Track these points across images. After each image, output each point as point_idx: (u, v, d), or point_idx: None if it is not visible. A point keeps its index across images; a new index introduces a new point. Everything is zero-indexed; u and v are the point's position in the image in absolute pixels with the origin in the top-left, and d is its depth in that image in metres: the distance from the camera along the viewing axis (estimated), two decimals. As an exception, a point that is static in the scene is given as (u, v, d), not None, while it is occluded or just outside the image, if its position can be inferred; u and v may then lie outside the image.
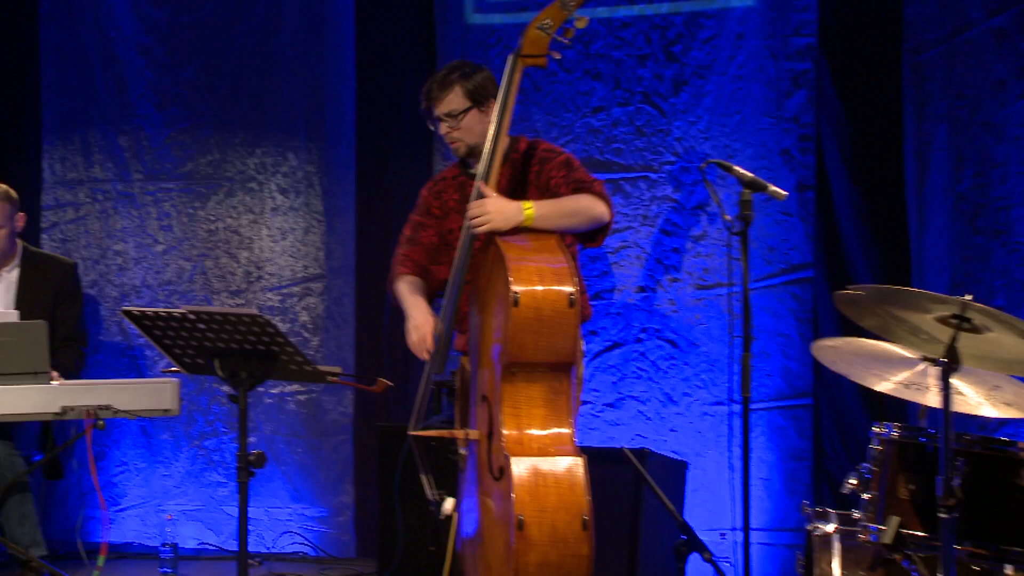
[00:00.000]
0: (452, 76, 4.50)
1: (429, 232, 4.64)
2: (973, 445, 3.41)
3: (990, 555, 3.35)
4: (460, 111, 4.46)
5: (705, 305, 5.96)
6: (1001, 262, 5.45)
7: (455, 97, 4.47)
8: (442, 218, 4.63)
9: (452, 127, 4.48)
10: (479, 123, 4.44)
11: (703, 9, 5.97)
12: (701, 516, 5.66)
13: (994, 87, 5.46)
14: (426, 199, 4.71)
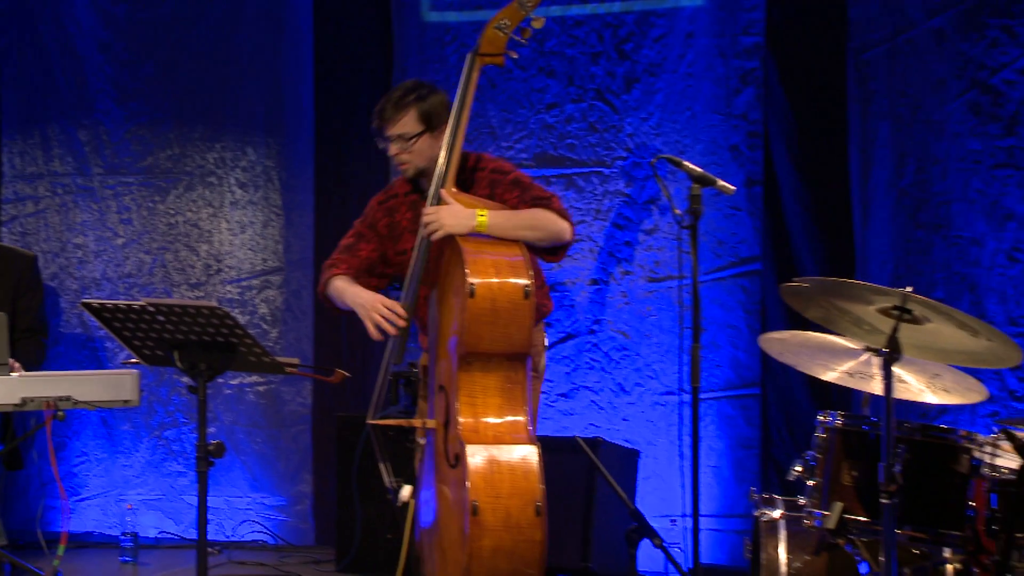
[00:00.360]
0: (408, 98, 4.34)
1: (370, 247, 4.49)
2: (914, 432, 3.44)
3: (929, 539, 3.38)
4: (413, 135, 4.31)
5: (656, 297, 5.99)
6: (941, 255, 5.50)
7: (409, 120, 4.32)
8: (389, 238, 4.49)
9: (403, 149, 4.34)
10: (430, 148, 4.31)
11: (654, 8, 5.99)
12: (652, 503, 5.69)
13: (934, 86, 5.50)
14: (374, 213, 4.55)
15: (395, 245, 4.46)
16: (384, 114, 4.34)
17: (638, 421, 5.96)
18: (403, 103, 4.33)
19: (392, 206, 4.50)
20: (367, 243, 4.50)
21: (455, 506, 3.99)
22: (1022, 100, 5.35)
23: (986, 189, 5.41)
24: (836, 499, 3.44)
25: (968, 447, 3.44)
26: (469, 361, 4.00)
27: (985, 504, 3.35)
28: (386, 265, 4.47)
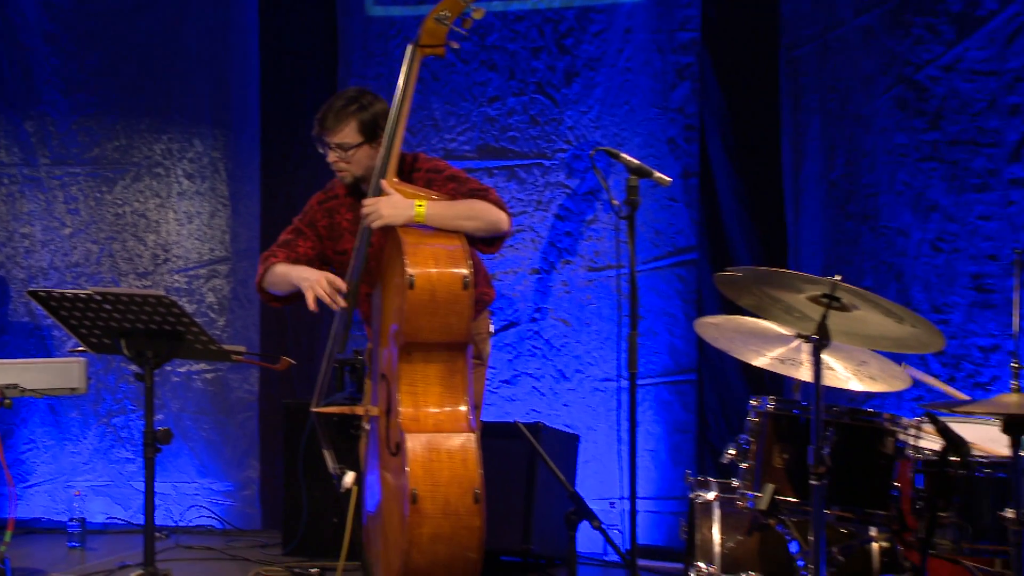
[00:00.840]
0: (349, 108, 4.29)
1: (307, 244, 4.46)
2: (842, 416, 3.47)
3: (856, 518, 3.41)
4: (352, 145, 4.27)
5: (596, 286, 6.01)
6: (869, 245, 5.55)
7: (349, 131, 4.27)
8: (329, 238, 4.46)
9: (342, 158, 4.30)
10: (368, 158, 4.27)
11: (593, 4, 6.00)
12: (592, 486, 5.72)
13: (863, 81, 5.55)
14: (314, 212, 4.51)
15: (335, 245, 4.43)
16: (325, 123, 4.31)
17: (578, 407, 5.98)
18: (344, 113, 4.28)
19: (332, 207, 4.47)
20: (305, 240, 4.47)
21: (396, 493, 3.99)
22: (945, 95, 5.41)
23: (912, 181, 5.47)
24: (768, 481, 3.47)
25: (893, 430, 3.48)
26: (410, 351, 3.99)
27: (909, 484, 3.40)
28: (324, 263, 4.42)
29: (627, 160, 3.86)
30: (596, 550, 5.54)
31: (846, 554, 3.56)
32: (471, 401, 4.05)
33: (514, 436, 4.25)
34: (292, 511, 5.84)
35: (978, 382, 5.28)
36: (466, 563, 3.95)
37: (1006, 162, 5.34)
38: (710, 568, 3.61)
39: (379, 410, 4.19)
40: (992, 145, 5.35)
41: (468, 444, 3.93)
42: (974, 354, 5.34)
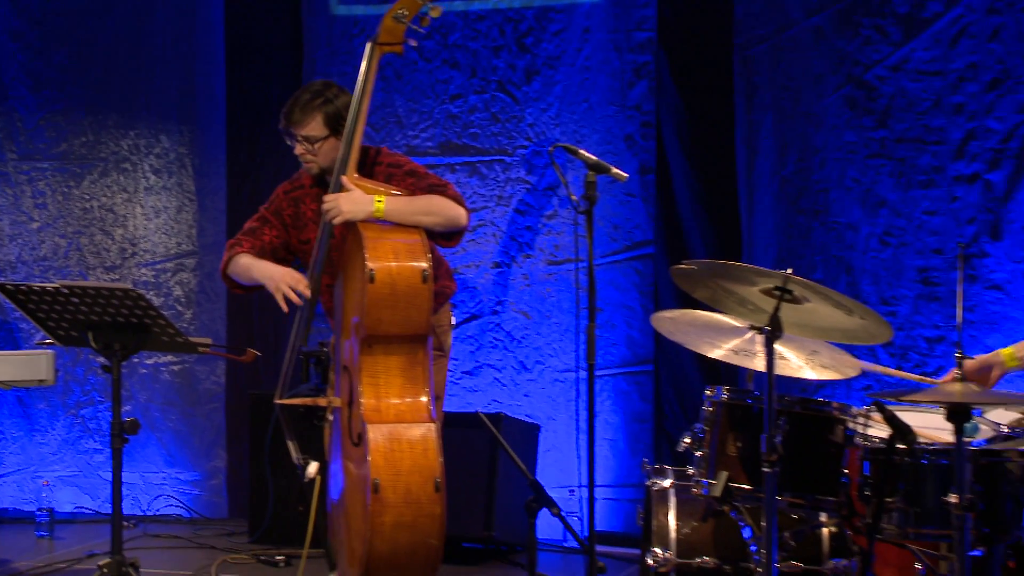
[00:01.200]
0: (315, 102, 4.29)
1: (273, 232, 4.44)
2: (793, 405, 3.49)
3: (807, 504, 3.43)
4: (319, 138, 4.27)
5: (556, 280, 6.02)
6: (820, 239, 5.59)
7: (315, 124, 4.27)
8: (294, 227, 4.44)
9: (308, 151, 4.30)
10: (334, 150, 4.26)
11: (552, 4, 6.00)
12: (552, 474, 5.73)
13: (814, 80, 5.58)
14: (280, 201, 4.49)
15: (299, 234, 4.42)
16: (291, 116, 4.30)
17: (539, 397, 5.98)
18: (310, 107, 4.28)
19: (298, 196, 4.46)
20: (271, 228, 4.45)
21: (358, 482, 3.99)
22: (893, 95, 5.46)
23: (861, 178, 5.51)
24: (722, 469, 3.48)
25: (843, 419, 3.50)
26: (371, 343, 3.99)
27: (858, 471, 3.42)
28: (288, 252, 4.42)
29: (585, 156, 3.85)
30: (556, 536, 5.56)
31: (797, 539, 3.58)
32: (432, 392, 4.05)
33: (476, 426, 4.25)
34: (258, 500, 5.83)
35: (924, 372, 5.33)
36: (428, 550, 3.96)
37: (950, 159, 5.39)
38: (666, 553, 3.63)
39: (342, 401, 4.19)
40: (937, 143, 5.40)
41: (429, 434, 3.93)
42: (920, 345, 5.39)
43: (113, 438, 4.01)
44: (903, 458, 3.28)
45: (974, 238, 5.33)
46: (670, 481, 3.81)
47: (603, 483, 5.74)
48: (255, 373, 6.25)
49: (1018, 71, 5.29)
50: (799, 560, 3.57)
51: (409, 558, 3.96)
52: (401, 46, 4.20)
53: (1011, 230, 5.31)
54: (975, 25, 5.34)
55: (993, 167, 5.33)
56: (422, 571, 4.03)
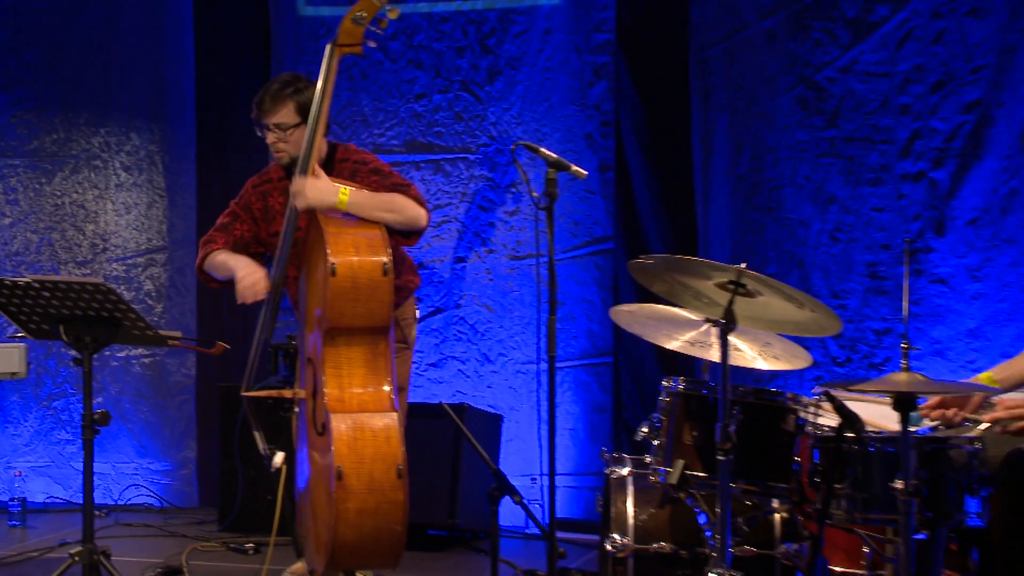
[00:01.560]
0: (286, 91, 4.31)
1: (244, 227, 4.46)
2: (747, 395, 3.50)
3: (760, 491, 3.45)
4: (290, 125, 4.29)
5: (518, 274, 6.02)
6: (773, 235, 5.62)
7: (287, 112, 4.29)
8: (263, 220, 4.46)
9: (280, 139, 4.31)
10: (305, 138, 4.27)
11: (514, 6, 6.00)
12: (515, 463, 5.74)
13: (767, 81, 5.61)
14: (249, 196, 4.51)
15: (268, 227, 4.43)
16: (263, 105, 4.32)
17: (501, 388, 5.99)
18: (281, 95, 4.30)
19: (266, 190, 4.47)
20: (241, 223, 4.46)
21: (323, 470, 3.98)
22: (842, 95, 5.49)
23: (812, 175, 5.54)
24: (678, 457, 3.49)
25: (794, 408, 3.52)
26: (334, 335, 3.99)
27: (809, 459, 3.44)
28: (258, 244, 4.43)
29: (546, 154, 3.86)
30: (518, 523, 5.57)
31: (750, 524, 3.60)
32: (394, 382, 4.05)
33: (441, 416, 4.25)
34: (228, 489, 5.81)
35: (872, 363, 5.38)
36: (391, 535, 3.96)
37: (897, 158, 5.43)
38: (624, 539, 3.64)
39: (306, 392, 4.19)
40: (885, 142, 5.44)
41: (391, 423, 3.93)
42: (869, 336, 5.43)
43: (84, 429, 3.99)
44: (852, 446, 3.30)
45: (920, 234, 5.37)
46: (628, 469, 3.81)
47: (564, 471, 5.76)
48: (225, 366, 6.22)
49: (961, 73, 5.33)
50: (752, 545, 3.59)
51: (374, 544, 3.96)
52: (360, 47, 4.21)
53: (955, 226, 5.35)
54: (920, 29, 5.39)
55: (938, 166, 5.37)
56: (386, 556, 4.03)
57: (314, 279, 4.14)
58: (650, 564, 3.61)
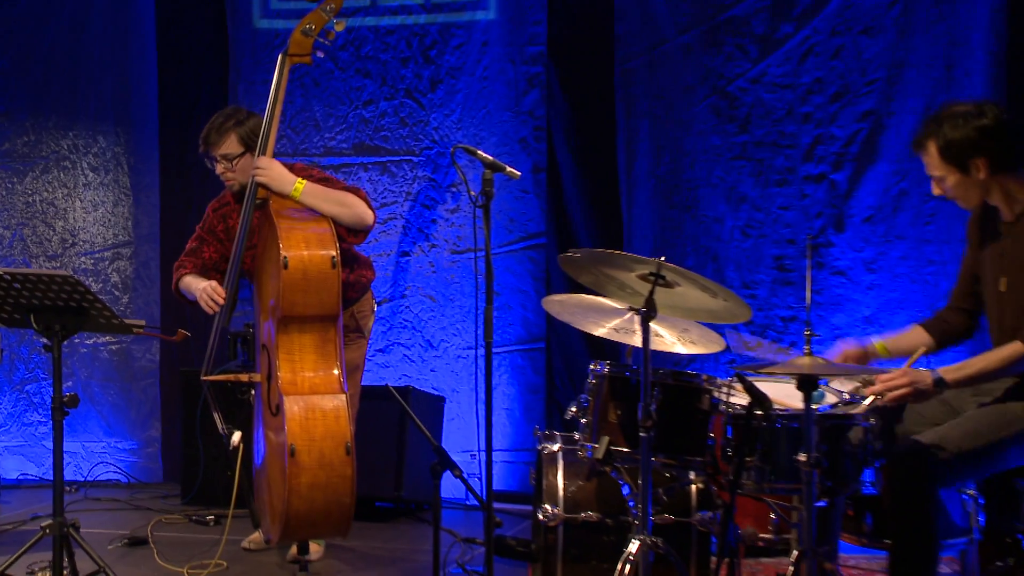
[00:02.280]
0: (228, 124, 4.35)
1: (211, 250, 4.50)
2: (666, 377, 3.50)
3: (678, 464, 3.45)
4: (235, 155, 4.32)
5: (458, 267, 6.01)
6: (691, 231, 5.65)
7: (231, 143, 4.33)
8: (228, 240, 4.45)
9: (228, 168, 4.35)
10: (251, 165, 4.27)
11: (454, 21, 5.99)
12: (456, 440, 5.73)
13: (684, 91, 5.63)
14: (211, 220, 4.54)
15: (232, 246, 4.42)
16: (209, 139, 4.36)
17: (444, 372, 5.98)
18: (224, 128, 4.34)
19: (225, 212, 4.50)
20: (208, 246, 4.51)
21: (277, 448, 3.96)
22: (752, 104, 5.53)
23: (725, 177, 5.58)
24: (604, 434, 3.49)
25: (709, 389, 3.53)
26: (286, 323, 3.98)
27: (722, 434, 3.45)
28: (227, 263, 4.42)
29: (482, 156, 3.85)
30: (459, 495, 5.57)
31: (669, 495, 3.62)
32: (343, 366, 4.05)
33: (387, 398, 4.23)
34: (190, 466, 5.75)
35: (780, 347, 5.43)
36: (341, 507, 3.95)
37: (801, 161, 5.49)
38: (555, 509, 3.64)
39: (261, 376, 4.17)
40: (790, 147, 5.49)
41: (340, 403, 3.93)
42: (776, 323, 5.49)
43: (54, 411, 3.93)
44: (760, 423, 3.32)
45: (821, 230, 5.43)
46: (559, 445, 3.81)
47: (500, 448, 5.76)
48: (186, 352, 6.16)
49: (856, 86, 5.40)
50: (671, 513, 3.61)
51: (324, 515, 3.94)
52: (310, 57, 4.27)
53: (852, 223, 5.42)
54: (820, 45, 5.44)
55: (837, 168, 5.43)
56: (337, 526, 4.01)
57: (268, 272, 4.12)
58: (578, 532, 3.61)
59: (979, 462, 3.35)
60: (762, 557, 4.49)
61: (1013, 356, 3.31)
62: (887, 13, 5.36)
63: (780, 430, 3.31)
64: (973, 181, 3.43)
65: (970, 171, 3.41)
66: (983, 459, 3.34)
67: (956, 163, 3.41)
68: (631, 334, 3.63)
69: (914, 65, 5.33)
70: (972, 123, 3.38)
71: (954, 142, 3.39)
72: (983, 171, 3.40)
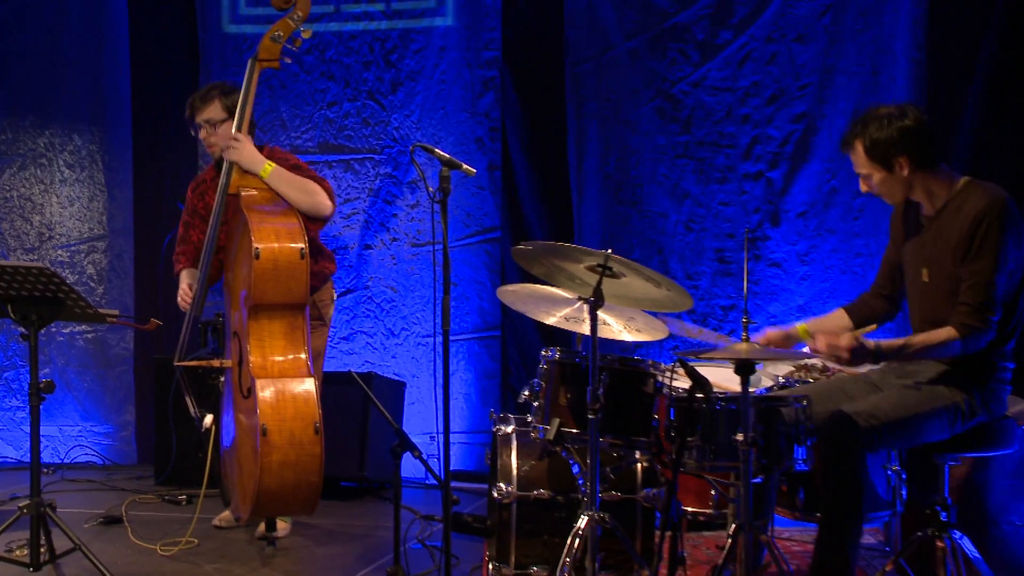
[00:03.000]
0: (213, 92, 4.41)
1: (197, 232, 4.51)
2: (613, 363, 3.50)
3: (624, 444, 3.46)
4: (218, 120, 4.34)
5: (418, 259, 5.98)
6: (637, 225, 5.67)
7: (215, 108, 4.36)
8: (208, 215, 4.44)
9: (210, 133, 4.36)
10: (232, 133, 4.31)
11: (414, 27, 5.96)
12: (416, 423, 5.72)
13: (630, 94, 5.64)
14: (191, 201, 4.55)
15: None
16: (194, 105, 4.40)
17: (405, 359, 5.96)
18: (209, 96, 4.40)
19: (203, 190, 4.51)
20: (194, 229, 4.51)
21: (249, 429, 3.94)
22: (694, 106, 5.56)
23: (669, 174, 5.60)
24: (555, 416, 3.49)
25: (654, 373, 3.54)
26: (257, 311, 3.97)
27: (665, 416, 3.45)
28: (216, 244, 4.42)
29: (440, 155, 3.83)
30: (419, 475, 5.55)
31: (616, 473, 3.63)
32: (310, 352, 4.04)
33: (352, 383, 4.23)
34: (163, 448, 5.70)
35: (720, 334, 5.45)
36: (309, 485, 3.93)
37: (740, 160, 5.52)
38: (509, 487, 3.64)
39: (232, 362, 4.14)
40: (730, 147, 5.52)
41: (308, 386, 3.93)
42: (717, 312, 5.52)
43: (31, 396, 3.90)
44: (701, 405, 3.33)
45: (758, 225, 5.46)
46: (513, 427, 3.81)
47: (458, 430, 5.76)
48: (159, 340, 6.10)
49: (791, 89, 5.44)
50: (617, 490, 3.62)
51: (294, 493, 3.92)
52: (278, 62, 4.33)
53: (787, 218, 5.46)
54: (757, 51, 5.47)
55: (773, 167, 5.47)
56: (304, 504, 4.00)
57: (239, 263, 4.09)
58: (531, 508, 3.61)
59: (903, 432, 3.39)
60: (703, 531, 4.52)
61: (947, 339, 3.35)
62: (818, 22, 5.40)
63: (719, 412, 3.32)
64: (897, 178, 3.47)
65: (894, 169, 3.45)
66: (907, 429, 3.39)
67: (881, 161, 3.45)
68: (580, 323, 3.64)
69: (843, 71, 5.38)
70: (895, 124, 3.42)
71: (879, 142, 3.43)
72: (906, 168, 3.45)
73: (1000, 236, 3.32)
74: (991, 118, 5.12)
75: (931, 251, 3.49)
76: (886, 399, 3.44)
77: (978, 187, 3.44)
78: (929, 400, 3.40)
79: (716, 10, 5.49)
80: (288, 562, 4.22)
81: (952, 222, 3.42)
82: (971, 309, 3.32)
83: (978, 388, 3.42)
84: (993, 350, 3.42)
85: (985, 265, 3.32)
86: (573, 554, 3.24)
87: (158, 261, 6.15)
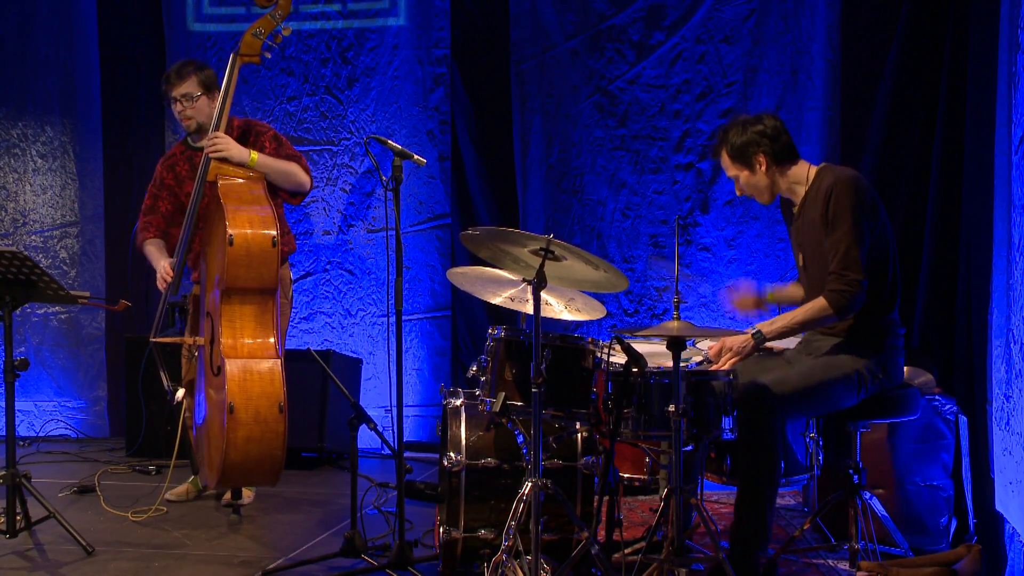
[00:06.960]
0: (188, 68, 4.36)
1: (165, 202, 4.47)
2: (555, 340, 3.49)
3: (565, 416, 3.46)
4: (195, 95, 4.30)
5: (374, 244, 5.94)
6: (578, 213, 5.66)
7: (191, 84, 4.32)
8: (177, 186, 4.41)
9: (187, 107, 4.32)
10: (207, 106, 4.31)
11: (368, 26, 5.90)
12: (373, 397, 5.68)
13: (571, 90, 5.63)
14: (160, 173, 4.48)
15: (181, 190, 4.42)
16: (170, 80, 4.36)
17: (361, 337, 5.91)
18: (185, 71, 4.35)
19: (172, 163, 4.47)
20: (162, 201, 4.45)
21: (218, 405, 3.88)
22: (630, 102, 5.55)
23: (607, 165, 5.60)
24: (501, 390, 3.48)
25: (593, 350, 3.53)
26: (229, 295, 3.92)
27: (604, 389, 3.45)
28: (180, 211, 4.40)
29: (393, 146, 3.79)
30: (375, 446, 5.50)
31: (558, 442, 3.62)
32: (279, 334, 4.01)
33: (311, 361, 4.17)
34: (133, 422, 5.63)
35: (655, 313, 5.49)
36: (273, 460, 3.89)
37: (672, 152, 5.53)
38: (459, 456, 3.62)
39: (205, 340, 4.09)
40: (663, 139, 5.53)
41: (275, 367, 3.89)
42: (652, 293, 5.54)
43: (6, 373, 3.82)
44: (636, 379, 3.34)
45: (690, 212, 5.48)
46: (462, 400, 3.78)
47: (411, 404, 5.74)
48: (130, 320, 6.00)
49: (718, 87, 5.45)
50: (559, 458, 3.61)
51: (258, 465, 3.88)
52: (259, 57, 4.31)
53: (716, 206, 5.49)
54: (687, 51, 5.48)
55: (703, 158, 5.49)
56: (268, 475, 3.96)
57: (214, 248, 4.05)
58: (479, 476, 3.59)
59: (812, 399, 3.45)
60: (638, 495, 4.54)
61: (818, 308, 3.43)
62: (743, 24, 5.42)
63: (653, 385, 3.33)
64: (759, 176, 3.58)
65: (755, 167, 3.57)
66: (815, 397, 3.45)
67: (743, 161, 3.58)
68: (524, 302, 3.63)
69: (766, 70, 5.41)
70: (751, 128, 3.56)
71: (736, 144, 3.57)
72: (764, 165, 3.56)
73: (850, 204, 3.40)
74: (898, 113, 5.21)
75: (803, 237, 3.61)
76: (795, 370, 3.51)
77: (830, 170, 3.55)
78: (831, 368, 3.47)
79: (650, 13, 5.49)
80: (252, 528, 4.18)
81: (813, 205, 3.52)
82: (836, 276, 3.41)
83: (874, 353, 3.49)
84: (880, 317, 3.50)
85: (842, 234, 3.40)
86: (518, 518, 3.23)
87: (128, 246, 6.02)
